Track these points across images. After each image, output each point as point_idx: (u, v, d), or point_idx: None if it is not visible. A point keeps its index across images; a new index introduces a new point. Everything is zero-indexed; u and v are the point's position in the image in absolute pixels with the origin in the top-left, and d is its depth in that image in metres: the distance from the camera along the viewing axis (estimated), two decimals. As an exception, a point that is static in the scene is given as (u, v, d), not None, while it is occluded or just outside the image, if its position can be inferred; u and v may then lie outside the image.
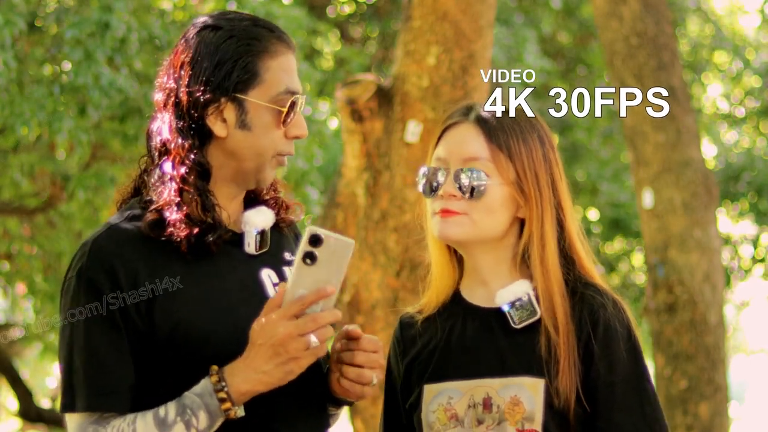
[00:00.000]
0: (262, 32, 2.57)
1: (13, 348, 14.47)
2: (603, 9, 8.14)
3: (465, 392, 2.60)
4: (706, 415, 7.83)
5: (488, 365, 2.60)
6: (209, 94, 2.52)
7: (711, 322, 7.92)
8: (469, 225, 2.63)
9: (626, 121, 8.21)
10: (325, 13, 12.21)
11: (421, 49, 5.30)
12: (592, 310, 2.60)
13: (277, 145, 2.55)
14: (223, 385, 2.39)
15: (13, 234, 9.33)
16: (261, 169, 2.56)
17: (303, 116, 2.60)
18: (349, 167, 5.45)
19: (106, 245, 2.49)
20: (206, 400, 2.40)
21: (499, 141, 2.64)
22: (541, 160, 2.66)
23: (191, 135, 2.53)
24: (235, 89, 2.53)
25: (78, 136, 7.05)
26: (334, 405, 2.63)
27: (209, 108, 2.53)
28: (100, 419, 2.45)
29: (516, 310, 2.61)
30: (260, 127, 2.54)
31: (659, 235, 8.02)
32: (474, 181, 2.62)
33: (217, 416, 2.40)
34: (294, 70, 2.59)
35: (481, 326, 2.65)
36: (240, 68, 2.53)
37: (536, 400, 2.55)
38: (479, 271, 2.68)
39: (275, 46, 2.56)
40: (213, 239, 2.50)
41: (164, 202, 2.50)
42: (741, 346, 24.76)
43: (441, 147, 2.69)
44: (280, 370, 2.39)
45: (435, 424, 2.62)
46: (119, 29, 6.97)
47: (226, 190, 2.57)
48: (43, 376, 19.43)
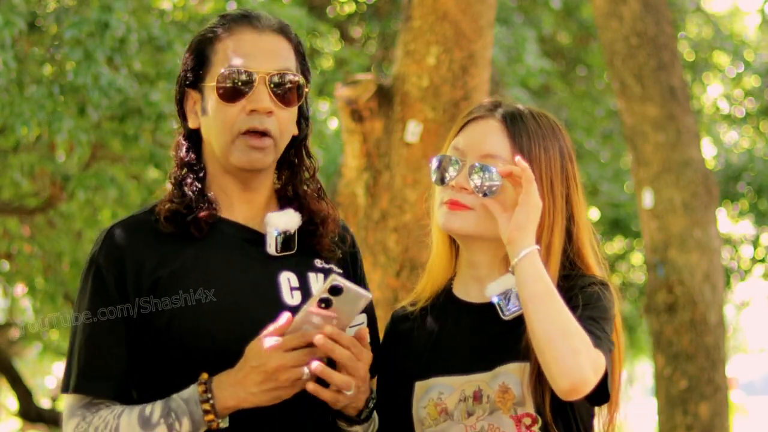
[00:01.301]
0: (220, 21, 2.62)
1: (13, 348, 14.47)
2: (603, 9, 8.14)
3: (456, 387, 2.60)
4: (706, 415, 7.83)
5: (479, 361, 2.60)
6: (182, 89, 2.62)
7: (711, 322, 7.92)
8: (474, 221, 2.63)
9: (626, 121, 8.21)
10: (325, 13, 12.20)
11: (421, 49, 5.30)
12: (578, 285, 2.60)
13: (234, 123, 2.55)
14: (209, 397, 2.41)
15: (13, 234, 9.33)
16: (227, 152, 2.57)
17: (267, 91, 2.56)
18: (349, 167, 5.44)
19: (119, 234, 2.54)
20: (191, 408, 2.41)
21: (521, 143, 2.64)
22: (558, 171, 2.66)
23: (182, 131, 2.64)
24: (195, 79, 2.59)
25: (78, 136, 7.05)
26: (345, 421, 2.59)
27: (185, 103, 2.62)
28: (90, 405, 2.48)
29: (506, 302, 2.61)
30: (212, 108, 2.57)
31: (659, 235, 8.02)
32: (487, 180, 2.61)
33: (200, 425, 2.42)
34: (253, 47, 2.57)
35: (472, 322, 2.65)
36: (195, 58, 2.60)
37: (523, 383, 2.54)
38: (475, 266, 2.68)
39: (230, 29, 2.59)
40: (190, 219, 2.52)
41: (164, 196, 2.59)
42: (741, 346, 24.77)
43: (461, 137, 2.68)
44: (268, 396, 2.40)
45: (426, 419, 2.62)
46: (119, 29, 6.96)
47: (225, 181, 2.60)
48: (43, 376, 19.44)
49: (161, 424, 2.41)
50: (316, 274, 2.61)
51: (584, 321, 2.50)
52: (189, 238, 2.53)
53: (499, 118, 2.66)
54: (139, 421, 2.42)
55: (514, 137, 2.64)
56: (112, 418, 2.44)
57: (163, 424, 2.41)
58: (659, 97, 8.02)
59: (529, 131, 2.65)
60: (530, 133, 2.65)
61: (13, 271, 9.81)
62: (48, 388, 19.00)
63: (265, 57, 2.57)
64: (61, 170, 8.28)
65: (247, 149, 2.55)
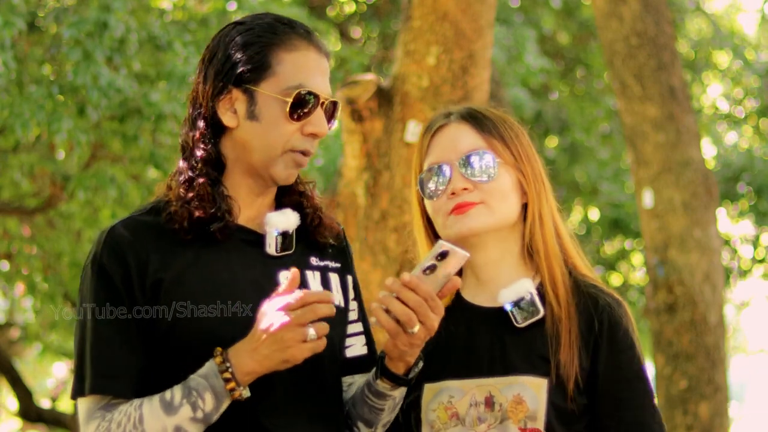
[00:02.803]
0: (280, 27, 2.57)
1: (13, 348, 14.47)
2: (603, 9, 8.13)
3: (467, 391, 2.60)
4: (706, 415, 7.83)
5: (490, 364, 2.60)
6: (220, 84, 2.54)
7: (711, 322, 7.91)
8: (488, 213, 2.64)
9: (626, 121, 8.21)
10: (325, 13, 12.20)
11: (421, 49, 5.30)
12: (597, 307, 2.61)
13: (289, 139, 2.55)
14: (227, 366, 2.40)
15: (13, 234, 9.33)
16: (271, 164, 2.55)
17: (323, 116, 2.57)
18: (349, 167, 5.44)
19: (120, 234, 2.52)
20: (212, 381, 2.40)
21: (490, 131, 2.68)
22: (529, 145, 2.72)
23: (203, 126, 2.56)
24: (246, 80, 2.54)
25: (77, 136, 7.05)
26: (390, 381, 2.58)
27: (220, 98, 2.55)
28: (109, 405, 2.46)
29: (519, 310, 2.61)
30: (269, 118, 2.54)
31: (659, 235, 8.01)
32: (485, 165, 2.63)
33: (223, 397, 2.40)
34: (316, 69, 2.56)
35: (483, 326, 2.65)
36: (250, 58, 2.54)
37: (539, 399, 2.54)
38: (482, 268, 2.68)
39: (292, 41, 2.55)
40: (219, 227, 2.51)
41: (174, 193, 2.54)
42: (741, 346, 24.76)
43: (433, 153, 2.70)
44: (278, 357, 2.38)
45: (435, 422, 2.62)
46: (118, 29, 6.96)
47: (242, 183, 2.58)
48: (43, 376, 19.43)
49: (184, 405, 2.40)
50: (312, 272, 2.61)
51: None
52: (190, 239, 2.52)
53: (459, 119, 2.69)
54: (162, 407, 2.41)
55: (482, 128, 2.67)
56: (133, 409, 2.43)
57: (186, 404, 2.40)
58: (659, 97, 8.01)
59: (489, 118, 2.70)
60: (491, 118, 2.70)
61: (13, 271, 9.81)
62: (48, 388, 18.99)
63: (323, 79, 2.57)
64: (61, 170, 8.28)
65: (292, 166, 2.57)
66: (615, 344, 2.60)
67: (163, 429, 2.40)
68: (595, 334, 2.59)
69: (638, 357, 2.62)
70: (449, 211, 2.65)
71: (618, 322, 2.61)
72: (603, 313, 2.60)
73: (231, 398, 2.41)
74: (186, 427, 2.41)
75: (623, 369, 2.59)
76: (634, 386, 2.60)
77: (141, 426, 2.41)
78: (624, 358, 2.60)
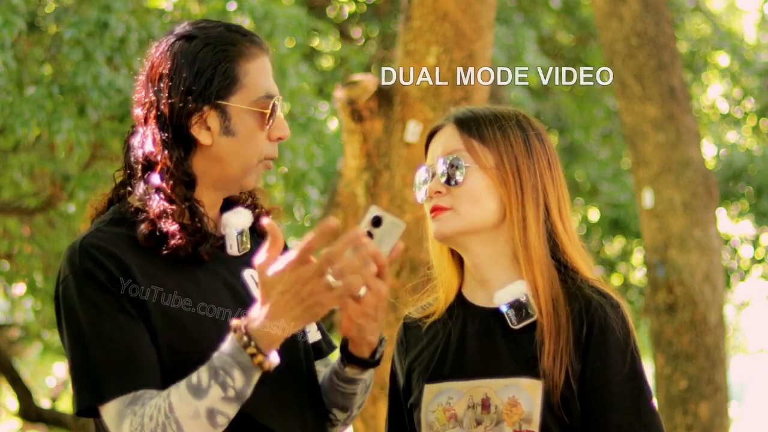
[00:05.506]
0: (236, 37, 2.57)
1: (13, 348, 14.46)
2: (603, 9, 8.14)
3: (465, 393, 2.60)
4: (706, 415, 7.83)
5: (487, 366, 2.60)
6: (192, 103, 2.52)
7: (711, 322, 7.92)
8: (455, 219, 2.63)
9: (626, 121, 8.21)
10: (325, 12, 12.20)
11: (421, 49, 5.30)
12: (589, 308, 2.59)
13: (263, 148, 2.56)
14: (249, 339, 2.35)
15: (13, 234, 9.33)
16: (246, 174, 2.56)
17: (284, 119, 2.60)
18: (349, 167, 5.44)
19: (96, 242, 2.49)
20: (237, 357, 2.35)
21: (471, 131, 2.66)
22: (522, 145, 2.66)
23: (177, 146, 2.54)
24: (217, 96, 2.53)
25: (77, 136, 7.05)
26: (357, 365, 2.56)
27: (193, 117, 2.53)
28: (136, 400, 2.41)
29: (514, 311, 2.60)
30: (244, 131, 2.54)
31: (659, 235, 8.02)
32: (451, 168, 2.63)
33: (252, 371, 2.36)
34: (270, 72, 2.59)
35: (481, 327, 2.64)
36: (220, 75, 2.53)
37: (534, 402, 2.54)
38: (479, 268, 2.67)
39: (250, 50, 2.57)
40: (207, 249, 2.51)
41: (156, 213, 2.50)
42: (741, 346, 24.76)
43: (427, 155, 2.75)
44: (308, 314, 2.33)
45: (434, 424, 2.62)
46: (118, 29, 6.96)
47: (209, 197, 2.57)
48: (43, 376, 19.42)
49: (213, 386, 2.35)
50: None
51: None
52: (168, 254, 2.50)
53: (451, 121, 2.70)
54: (190, 392, 2.36)
55: (463, 128, 2.66)
56: (161, 400, 2.37)
57: (215, 384, 2.35)
58: (659, 97, 8.02)
59: (479, 118, 2.67)
60: (480, 119, 2.67)
61: (13, 271, 9.80)
62: (48, 388, 18.99)
63: (274, 81, 2.60)
64: (61, 170, 8.27)
65: (261, 173, 2.59)
66: (604, 347, 2.57)
67: (196, 413, 2.35)
68: (584, 336, 2.58)
69: (631, 359, 2.58)
70: (428, 213, 2.67)
71: (608, 324, 2.57)
72: (594, 316, 2.58)
73: (261, 371, 2.37)
74: (220, 408, 2.35)
75: (612, 372, 2.56)
76: (623, 389, 2.57)
77: (172, 414, 2.35)
78: (613, 361, 2.57)
